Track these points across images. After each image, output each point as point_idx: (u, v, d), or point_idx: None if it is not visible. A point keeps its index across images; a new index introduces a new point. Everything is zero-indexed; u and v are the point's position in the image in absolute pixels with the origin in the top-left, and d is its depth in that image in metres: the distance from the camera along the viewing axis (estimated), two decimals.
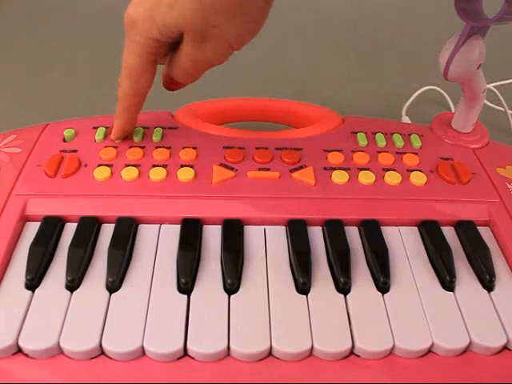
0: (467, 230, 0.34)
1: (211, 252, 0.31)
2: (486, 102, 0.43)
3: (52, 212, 0.33)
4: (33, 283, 0.29)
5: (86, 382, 0.26)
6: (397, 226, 0.34)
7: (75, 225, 0.32)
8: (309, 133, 0.41)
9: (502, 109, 0.56)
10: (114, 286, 0.29)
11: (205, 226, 0.33)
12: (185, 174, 0.35)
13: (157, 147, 0.38)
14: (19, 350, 0.26)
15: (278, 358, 0.27)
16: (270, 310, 0.28)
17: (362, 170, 0.37)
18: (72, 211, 0.33)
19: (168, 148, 0.38)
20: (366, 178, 0.36)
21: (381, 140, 0.40)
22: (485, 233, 0.34)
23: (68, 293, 0.28)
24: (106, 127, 0.40)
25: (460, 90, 0.40)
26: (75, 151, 0.37)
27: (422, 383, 0.26)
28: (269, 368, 0.26)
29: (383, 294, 0.29)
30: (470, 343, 0.27)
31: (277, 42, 0.80)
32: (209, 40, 0.32)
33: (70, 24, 0.83)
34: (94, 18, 0.85)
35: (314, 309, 0.28)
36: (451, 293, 0.30)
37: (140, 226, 0.33)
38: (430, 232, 0.33)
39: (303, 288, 0.29)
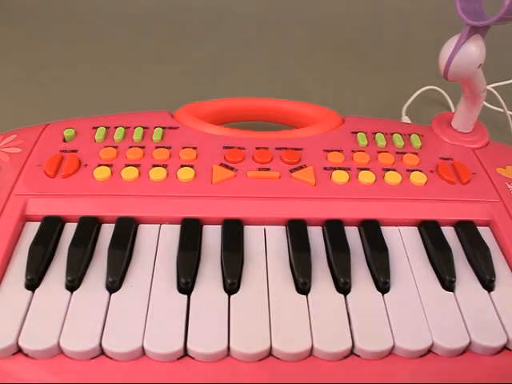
0: (467, 230, 0.34)
1: (211, 252, 0.31)
2: (485, 103, 0.43)
3: (52, 212, 0.33)
4: (33, 283, 0.29)
5: (86, 381, 0.26)
6: (397, 226, 0.34)
7: (75, 225, 0.32)
8: (309, 133, 0.41)
9: (501, 110, 0.56)
10: (113, 286, 0.29)
11: (205, 226, 0.33)
12: (185, 174, 0.35)
13: (157, 147, 0.38)
14: (19, 350, 0.26)
15: (278, 358, 0.27)
16: (270, 310, 0.28)
17: (361, 169, 0.37)
18: (72, 211, 0.33)
19: (168, 148, 0.38)
20: (365, 177, 0.36)
21: (381, 140, 0.40)
22: (485, 233, 0.34)
23: (68, 293, 0.28)
24: (106, 127, 0.40)
25: (460, 90, 0.40)
26: (75, 151, 0.37)
27: (422, 383, 0.26)
28: (269, 368, 0.26)
29: (383, 294, 0.29)
30: (470, 343, 0.27)
31: (277, 41, 0.80)
32: None
33: (69, 24, 0.83)
34: (94, 17, 0.85)
35: (314, 309, 0.28)
36: (451, 293, 0.30)
37: (140, 225, 0.33)
38: (429, 232, 0.33)
39: (303, 288, 0.29)
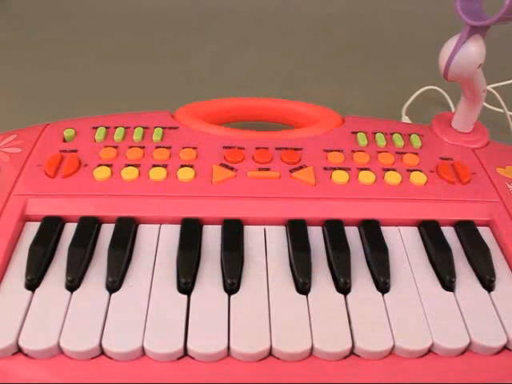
0: (467, 230, 0.34)
1: (211, 252, 0.31)
2: (485, 103, 0.43)
3: (52, 212, 0.33)
4: (33, 283, 0.29)
5: (86, 382, 0.26)
6: (397, 226, 0.34)
7: (75, 225, 0.32)
8: (309, 133, 0.41)
9: (501, 110, 0.56)
10: (113, 286, 0.29)
11: (205, 226, 0.33)
12: (185, 174, 0.35)
13: (157, 147, 0.38)
14: (19, 350, 0.26)
15: (277, 358, 0.27)
16: (270, 310, 0.28)
17: (361, 169, 0.37)
18: (72, 211, 0.33)
19: (168, 148, 0.38)
20: (365, 177, 0.36)
21: (381, 140, 0.40)
22: (485, 233, 0.34)
23: (68, 293, 0.28)
24: (106, 127, 0.40)
25: (460, 90, 0.40)
26: (75, 151, 0.37)
27: (422, 383, 0.26)
28: (269, 368, 0.26)
29: (383, 294, 0.29)
30: (470, 343, 0.27)
31: (277, 41, 0.80)
32: None
33: (69, 24, 0.83)
34: (95, 17, 0.85)
35: (314, 309, 0.28)
36: (451, 293, 0.30)
37: (140, 226, 0.33)
38: (429, 232, 0.33)
39: (303, 288, 0.29)
